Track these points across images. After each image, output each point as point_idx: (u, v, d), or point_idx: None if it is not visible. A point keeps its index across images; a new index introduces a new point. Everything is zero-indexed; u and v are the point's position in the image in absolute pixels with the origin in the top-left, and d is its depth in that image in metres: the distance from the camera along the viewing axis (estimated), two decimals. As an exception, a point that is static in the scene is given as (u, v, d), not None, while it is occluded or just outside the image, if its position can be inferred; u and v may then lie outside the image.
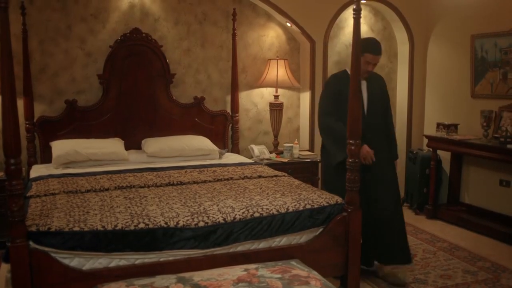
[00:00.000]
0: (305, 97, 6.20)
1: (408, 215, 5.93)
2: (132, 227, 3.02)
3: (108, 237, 2.99)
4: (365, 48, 3.82)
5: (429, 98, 6.41)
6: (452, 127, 5.66)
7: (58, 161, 4.73)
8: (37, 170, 4.69)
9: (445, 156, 5.99)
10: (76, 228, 2.97)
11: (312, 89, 6.06)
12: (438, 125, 5.83)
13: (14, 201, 2.80)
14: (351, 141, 3.53)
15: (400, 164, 6.45)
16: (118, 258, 3.01)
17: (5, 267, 3.90)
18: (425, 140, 6.05)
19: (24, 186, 3.25)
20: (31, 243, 2.87)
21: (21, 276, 2.82)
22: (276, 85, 5.82)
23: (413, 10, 6.32)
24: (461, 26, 5.83)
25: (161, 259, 3.06)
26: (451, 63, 6.04)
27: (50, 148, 4.98)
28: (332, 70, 6.18)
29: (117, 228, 3.02)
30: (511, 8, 5.20)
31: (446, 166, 6.03)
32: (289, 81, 5.83)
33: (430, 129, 6.21)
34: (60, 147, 4.88)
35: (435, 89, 6.29)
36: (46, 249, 2.90)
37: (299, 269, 2.88)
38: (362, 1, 5.72)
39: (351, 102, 3.47)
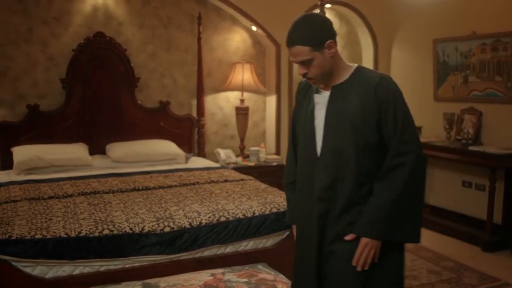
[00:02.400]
0: (271, 100, 6.21)
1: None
2: (96, 234, 2.98)
3: (71, 244, 2.94)
4: None
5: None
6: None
7: (20, 167, 4.62)
8: (-3, 177, 4.58)
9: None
10: (39, 236, 2.91)
11: (278, 93, 6.08)
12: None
13: (-27, 209, 2.73)
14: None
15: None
16: (83, 265, 2.96)
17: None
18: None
19: (-17, 194, 3.17)
20: (-10, 252, 2.80)
21: (-19, 286, 2.75)
22: (242, 89, 5.82)
23: (377, 14, 6.41)
24: (423, 30, 5.94)
25: (127, 266, 3.02)
26: (414, 66, 6.14)
27: (11, 154, 4.86)
28: (297, 74, 6.21)
29: (81, 235, 2.97)
30: (472, 13, 5.32)
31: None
32: (254, 85, 5.83)
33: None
34: (21, 153, 4.77)
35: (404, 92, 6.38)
36: (7, 257, 2.83)
37: (265, 273, 2.88)
38: (326, 6, 5.77)
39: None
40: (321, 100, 2.18)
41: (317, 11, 3.47)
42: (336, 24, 6.51)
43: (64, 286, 2.84)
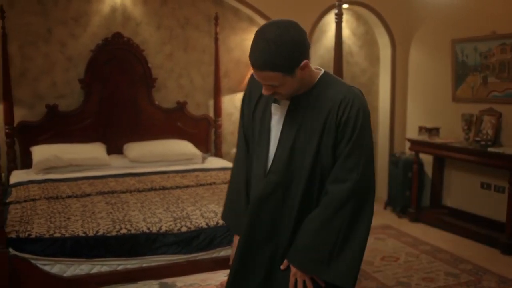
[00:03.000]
0: (288, 101, 6.19)
1: (391, 218, 5.96)
2: (114, 233, 3.00)
3: (89, 243, 2.96)
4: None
5: (411, 101, 6.46)
6: (434, 131, 5.71)
7: (39, 167, 4.67)
8: (17, 176, 4.62)
9: (427, 159, 6.04)
10: (57, 235, 2.95)
11: (295, 93, 6.06)
12: (420, 128, 5.88)
13: (-7, 207, 2.77)
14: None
15: (383, 168, 6.51)
16: (100, 264, 2.98)
17: (-16, 274, 3.83)
18: (407, 144, 6.08)
19: (3, 192, 3.21)
20: (10, 250, 2.84)
21: (1, 283, 2.78)
22: (259, 89, 5.81)
23: (395, 15, 6.36)
24: (442, 30, 5.89)
25: (144, 265, 3.04)
26: (432, 67, 6.09)
27: (30, 153, 4.91)
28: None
29: (99, 234, 2.99)
30: (491, 13, 5.27)
31: (428, 169, 6.07)
32: (271, 85, 5.81)
33: (412, 133, 6.25)
34: (40, 152, 4.82)
35: (417, 93, 6.34)
36: (26, 256, 2.86)
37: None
38: (344, 6, 5.75)
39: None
40: (279, 111, 1.91)
41: (335, 11, 3.44)
42: (353, 24, 6.49)
43: (82, 285, 2.86)
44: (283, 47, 1.69)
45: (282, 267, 1.91)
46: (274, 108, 1.93)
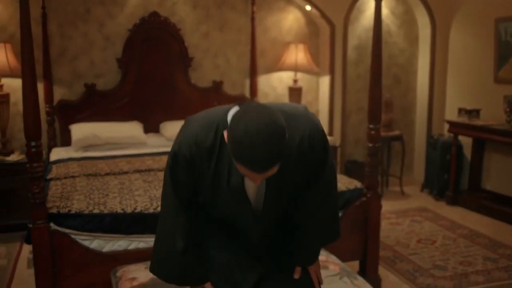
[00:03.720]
0: (324, 81, 6.14)
1: (428, 201, 5.88)
2: (151, 210, 3.03)
3: (127, 220, 3.01)
4: (234, 152, 1.60)
5: (450, 82, 6.31)
6: (474, 113, 5.57)
7: (78, 145, 4.76)
8: (57, 153, 4.72)
9: (466, 141, 5.90)
10: (96, 211, 3.00)
11: (332, 73, 6.00)
12: (460, 110, 5.74)
13: (35, 183, 2.83)
14: (371, 126, 3.50)
15: (420, 150, 6.41)
16: (137, 240, 3.03)
17: (27, 248, 3.97)
18: (446, 126, 5.96)
19: (44, 169, 3.28)
20: (52, 224, 2.90)
21: (43, 257, 2.85)
22: (295, 69, 5.78)
23: (435, -7, 6.20)
24: (484, 9, 5.70)
25: (180, 242, 3.06)
26: (474, 47, 5.92)
27: (69, 131, 5.01)
28: (352, 54, 6.12)
29: (136, 211, 3.03)
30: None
31: (467, 151, 5.94)
32: (308, 65, 5.77)
33: (451, 114, 6.11)
34: (79, 130, 4.91)
35: (457, 74, 6.18)
36: (67, 231, 2.93)
37: (318, 254, 2.86)
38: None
39: (371, 87, 3.42)
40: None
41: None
42: (392, 3, 6.34)
43: (120, 260, 2.91)
44: (279, 140, 1.57)
45: (297, 276, 2.06)
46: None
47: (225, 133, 1.66)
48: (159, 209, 3.02)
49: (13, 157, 4.78)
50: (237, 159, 1.59)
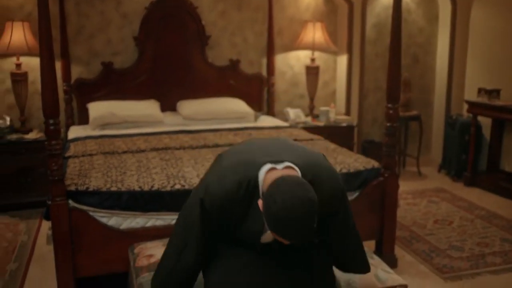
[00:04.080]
0: (342, 60, 6.09)
1: (445, 182, 5.84)
2: (168, 188, 3.05)
3: (144, 198, 3.03)
4: (278, 229, 1.68)
5: (470, 62, 6.20)
6: (494, 93, 5.48)
7: (95, 123, 4.79)
8: (74, 131, 4.76)
9: (485, 122, 5.83)
10: (114, 188, 3.02)
11: (349, 52, 5.94)
12: (480, 90, 5.65)
13: (54, 160, 2.86)
14: (389, 105, 3.47)
15: (438, 130, 6.35)
16: (155, 218, 3.05)
17: (46, 224, 4.02)
18: (465, 106, 5.88)
19: (62, 147, 3.30)
20: (70, 201, 2.94)
21: (61, 233, 2.89)
22: (313, 47, 5.72)
23: (457, -30, 6.07)
24: (507, -14, 5.59)
25: (197, 220, 3.08)
26: (495, 26, 5.80)
27: (87, 109, 5.04)
28: (370, 32, 6.04)
29: (154, 189, 3.05)
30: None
31: (487, 132, 5.86)
32: (326, 44, 5.72)
33: (471, 94, 6.02)
34: (96, 109, 4.94)
35: (477, 53, 6.08)
36: (85, 208, 2.96)
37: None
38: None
39: (390, 66, 3.39)
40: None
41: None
42: (412, -19, 6.23)
43: (137, 237, 2.93)
44: (315, 214, 1.67)
45: None
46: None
47: (260, 203, 1.74)
48: (176, 187, 3.05)
49: (32, 135, 4.83)
50: (275, 232, 1.68)
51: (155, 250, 2.62)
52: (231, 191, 1.82)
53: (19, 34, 4.74)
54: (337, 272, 2.24)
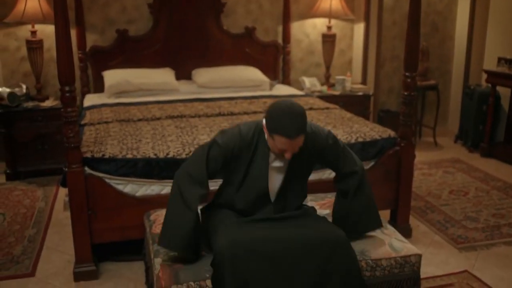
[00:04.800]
0: (359, 28, 5.99)
1: (462, 152, 5.79)
2: (183, 156, 3.06)
3: (160, 165, 3.04)
4: (272, 127, 2.18)
5: (491, 31, 6.07)
6: (514, 62, 5.38)
7: (111, 91, 4.79)
8: (90, 99, 4.77)
9: (504, 92, 5.73)
10: (129, 156, 3.04)
11: (367, 20, 5.85)
12: (500, 59, 5.54)
13: (70, 127, 2.87)
14: (407, 74, 3.42)
15: (456, 100, 6.27)
16: (170, 185, 3.05)
17: (63, 191, 4.07)
18: (484, 75, 5.79)
19: (78, 114, 3.31)
20: (86, 168, 2.96)
21: (78, 199, 2.92)
22: (329, 15, 5.63)
23: None
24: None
25: (212, 188, 3.09)
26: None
27: (102, 77, 5.04)
28: (388, 0, 5.92)
29: (169, 156, 3.06)
30: None
31: (505, 103, 5.77)
32: (342, 11, 5.63)
33: (490, 64, 5.91)
34: (112, 76, 4.93)
35: (498, 22, 5.94)
36: (101, 175, 2.98)
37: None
38: None
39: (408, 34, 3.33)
40: (279, 164, 2.38)
41: None
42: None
43: (153, 204, 2.96)
44: (303, 116, 2.21)
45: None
46: (276, 163, 2.37)
47: (264, 126, 2.26)
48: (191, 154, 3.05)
49: (48, 103, 4.85)
50: (274, 131, 2.17)
51: (170, 217, 2.63)
52: (243, 130, 2.33)
53: (34, 2, 4.71)
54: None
